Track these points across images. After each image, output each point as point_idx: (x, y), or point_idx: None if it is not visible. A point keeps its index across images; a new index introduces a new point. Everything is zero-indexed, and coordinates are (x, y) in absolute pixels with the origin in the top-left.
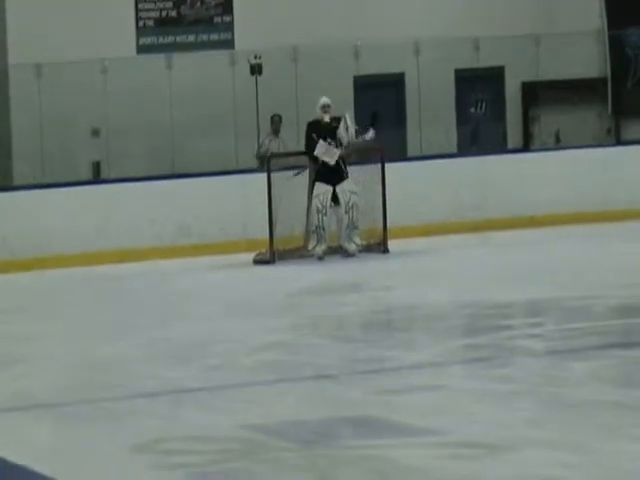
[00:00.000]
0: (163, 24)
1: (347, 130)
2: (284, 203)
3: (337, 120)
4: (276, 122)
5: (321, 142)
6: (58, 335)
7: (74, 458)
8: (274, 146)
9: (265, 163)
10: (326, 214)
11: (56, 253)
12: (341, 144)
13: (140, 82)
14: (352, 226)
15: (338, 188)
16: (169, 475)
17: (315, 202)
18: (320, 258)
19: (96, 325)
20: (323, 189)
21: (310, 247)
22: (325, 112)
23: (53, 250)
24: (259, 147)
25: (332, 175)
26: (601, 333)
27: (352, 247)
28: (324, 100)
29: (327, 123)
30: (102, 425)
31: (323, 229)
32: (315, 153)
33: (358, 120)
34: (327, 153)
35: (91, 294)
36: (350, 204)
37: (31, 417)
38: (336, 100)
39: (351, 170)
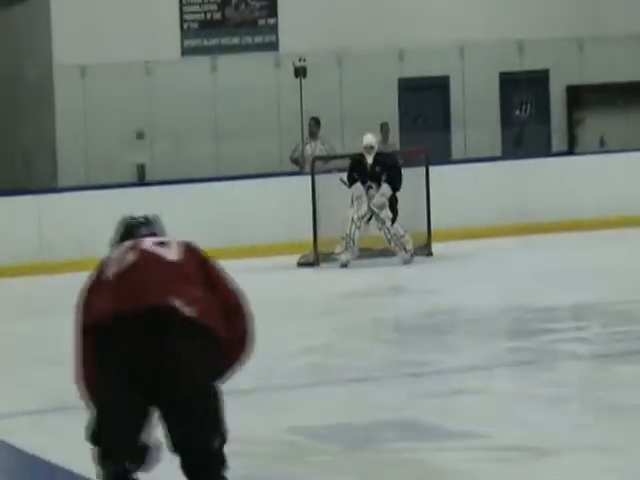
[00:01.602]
0: (208, 26)
1: (383, 194)
2: (328, 205)
3: (380, 159)
4: (311, 125)
5: (358, 185)
6: None
7: None
8: (310, 149)
9: (299, 166)
10: (359, 227)
11: (100, 255)
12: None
13: (184, 84)
14: (395, 238)
15: (371, 205)
16: None
17: (351, 212)
18: (343, 265)
19: None
20: (361, 199)
21: (337, 251)
22: (368, 153)
23: (97, 252)
24: (294, 150)
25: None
26: None
27: (401, 255)
28: (368, 141)
29: (370, 165)
30: None
31: (353, 241)
32: (352, 190)
33: (403, 124)
34: (358, 199)
35: None
36: (383, 221)
37: (78, 418)
38: (380, 103)
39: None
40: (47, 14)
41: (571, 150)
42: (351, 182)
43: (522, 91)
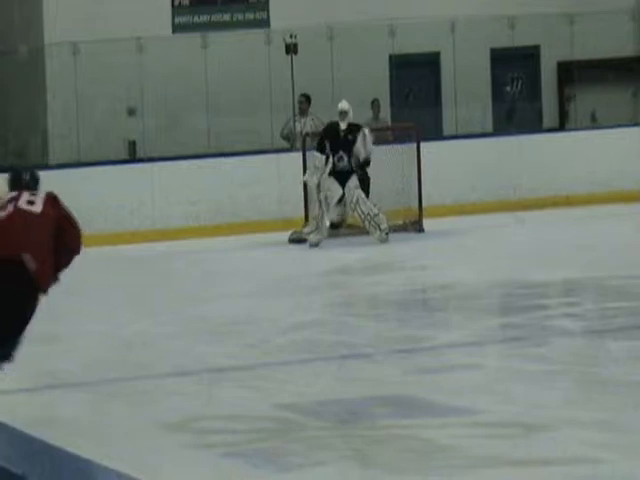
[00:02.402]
0: (199, 3)
1: (365, 144)
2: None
3: (354, 129)
4: (301, 102)
5: (317, 154)
6: (93, 313)
7: (108, 437)
8: (300, 126)
9: (290, 143)
10: (328, 211)
11: (92, 232)
12: (357, 159)
13: (176, 61)
14: (369, 217)
15: (345, 187)
16: (204, 454)
17: (322, 196)
18: (313, 246)
19: (130, 303)
20: (334, 186)
21: (306, 231)
22: (342, 119)
23: (89, 229)
24: (284, 127)
25: (345, 177)
26: (638, 313)
27: (376, 235)
28: (341, 106)
29: (343, 131)
30: (137, 404)
31: (323, 221)
32: (308, 166)
33: (394, 100)
34: (312, 174)
35: (125, 273)
36: (354, 200)
37: (65, 395)
38: (372, 79)
39: (386, 149)
40: None
41: (562, 126)
42: (320, 149)
43: (513, 67)
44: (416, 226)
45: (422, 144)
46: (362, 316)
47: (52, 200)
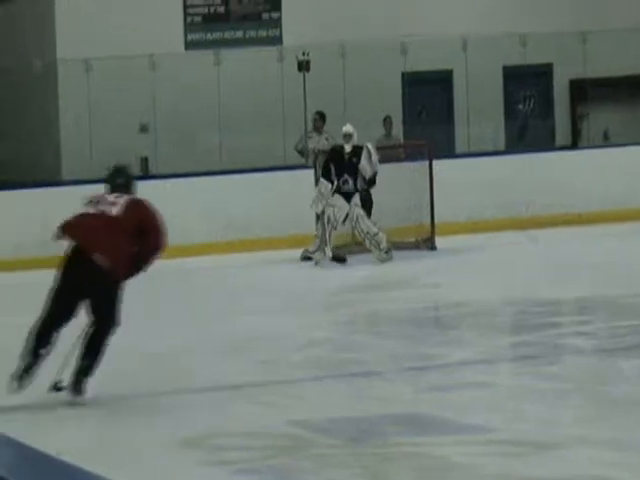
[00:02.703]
0: (211, 20)
1: (370, 160)
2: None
3: (358, 151)
4: (316, 120)
5: (324, 181)
6: None
7: (124, 452)
8: (313, 143)
9: (304, 157)
10: (335, 228)
11: None
12: (363, 178)
13: (188, 78)
14: (369, 236)
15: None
16: (218, 471)
17: (329, 212)
18: (317, 264)
19: (146, 320)
20: (340, 203)
21: (311, 250)
22: (347, 142)
23: None
24: (299, 141)
25: (350, 198)
26: None
27: (376, 254)
28: (346, 129)
29: (347, 154)
30: (150, 420)
31: (326, 242)
32: (317, 190)
33: (406, 117)
34: (317, 201)
35: (140, 290)
36: (355, 218)
37: (80, 411)
38: (384, 97)
39: (398, 167)
40: (51, 8)
41: (575, 144)
42: (325, 174)
43: (525, 85)
44: (428, 244)
45: (434, 162)
46: (374, 334)
47: (134, 204)
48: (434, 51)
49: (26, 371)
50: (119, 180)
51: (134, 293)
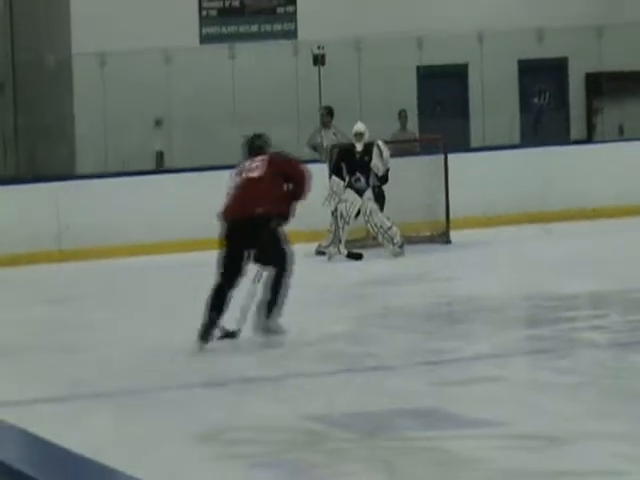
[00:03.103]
0: (226, 14)
1: (381, 157)
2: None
3: (369, 148)
4: (323, 115)
5: (336, 179)
6: (121, 323)
7: (136, 448)
8: (322, 138)
9: (318, 152)
10: (348, 223)
11: (119, 242)
12: (376, 175)
13: (203, 72)
14: (382, 230)
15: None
16: (231, 465)
17: (342, 207)
18: (330, 259)
19: (159, 313)
20: (352, 197)
21: (324, 244)
22: (358, 140)
23: (116, 239)
24: (311, 137)
25: (363, 193)
26: None
27: (389, 248)
28: (357, 128)
29: (359, 152)
30: (165, 414)
31: (340, 239)
32: (329, 188)
33: (421, 111)
34: (330, 199)
35: (154, 283)
36: (368, 212)
37: (91, 406)
38: (399, 91)
39: (413, 161)
40: (66, 2)
41: (590, 138)
42: (337, 172)
43: (541, 79)
44: (443, 238)
45: (449, 156)
46: (388, 328)
47: (271, 159)
48: (449, 45)
49: (206, 331)
50: (257, 142)
51: (147, 287)
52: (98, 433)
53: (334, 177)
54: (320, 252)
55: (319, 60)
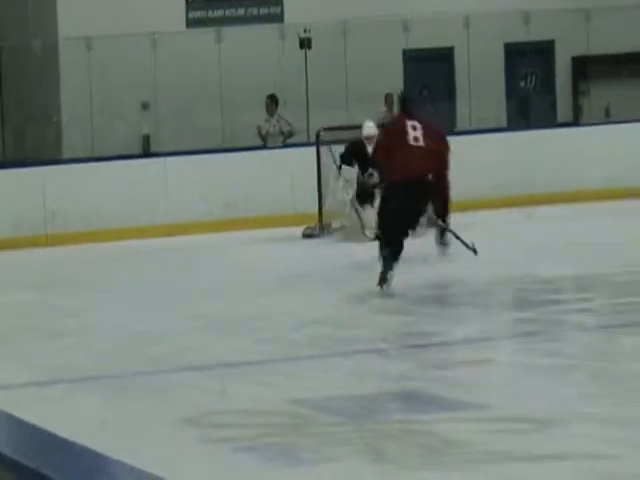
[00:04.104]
0: None
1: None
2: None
3: None
4: (267, 103)
5: (349, 168)
6: (107, 308)
7: (122, 431)
8: (266, 127)
9: (266, 142)
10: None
11: (106, 227)
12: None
13: (189, 56)
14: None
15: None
16: (217, 448)
17: (344, 193)
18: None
19: (144, 298)
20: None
21: (334, 226)
22: (369, 144)
23: (103, 224)
24: (259, 130)
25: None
26: None
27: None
28: (368, 132)
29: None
30: (150, 398)
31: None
32: (341, 179)
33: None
34: (345, 189)
35: (140, 268)
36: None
37: (79, 390)
38: (385, 74)
39: None
40: None
41: (576, 121)
42: (347, 162)
43: (527, 62)
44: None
45: None
46: (375, 311)
47: (426, 130)
48: (436, 28)
49: (384, 277)
50: (411, 105)
51: (134, 272)
52: (83, 417)
53: (344, 167)
54: (307, 235)
55: (305, 44)
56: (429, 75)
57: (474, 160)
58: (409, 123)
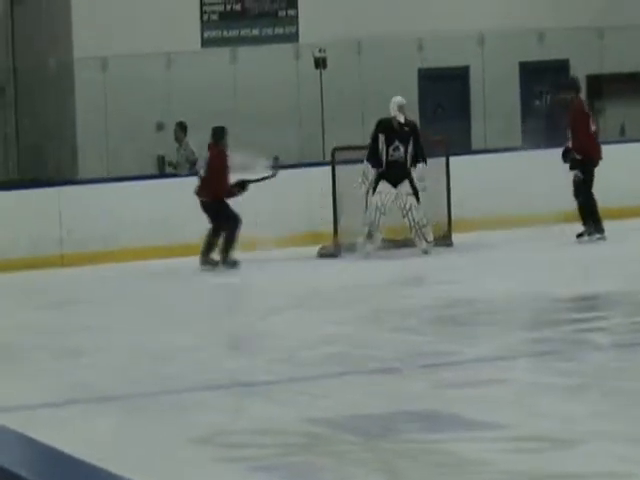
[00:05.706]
0: (228, 17)
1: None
2: (348, 197)
3: (410, 124)
4: (176, 131)
5: (368, 169)
6: (122, 327)
7: (137, 450)
8: (178, 156)
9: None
10: (385, 213)
11: (121, 246)
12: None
13: (205, 76)
14: (417, 226)
15: (397, 190)
16: (233, 468)
17: (376, 199)
18: (367, 256)
19: (160, 317)
20: (387, 188)
21: (360, 241)
22: (402, 112)
23: (118, 243)
24: (169, 162)
25: (396, 175)
26: None
27: (423, 245)
28: (401, 100)
29: (400, 125)
30: (165, 417)
31: (377, 228)
32: (361, 172)
33: (422, 113)
34: (361, 182)
35: (156, 286)
36: (407, 207)
37: (94, 409)
38: (400, 93)
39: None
40: (68, 6)
41: None
42: (374, 141)
43: (542, 81)
44: (445, 240)
45: (451, 158)
46: (391, 330)
47: None
48: (450, 47)
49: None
50: None
51: (149, 291)
52: (98, 437)
53: (366, 162)
54: (323, 254)
55: (320, 63)
56: (444, 94)
57: (489, 179)
58: None
